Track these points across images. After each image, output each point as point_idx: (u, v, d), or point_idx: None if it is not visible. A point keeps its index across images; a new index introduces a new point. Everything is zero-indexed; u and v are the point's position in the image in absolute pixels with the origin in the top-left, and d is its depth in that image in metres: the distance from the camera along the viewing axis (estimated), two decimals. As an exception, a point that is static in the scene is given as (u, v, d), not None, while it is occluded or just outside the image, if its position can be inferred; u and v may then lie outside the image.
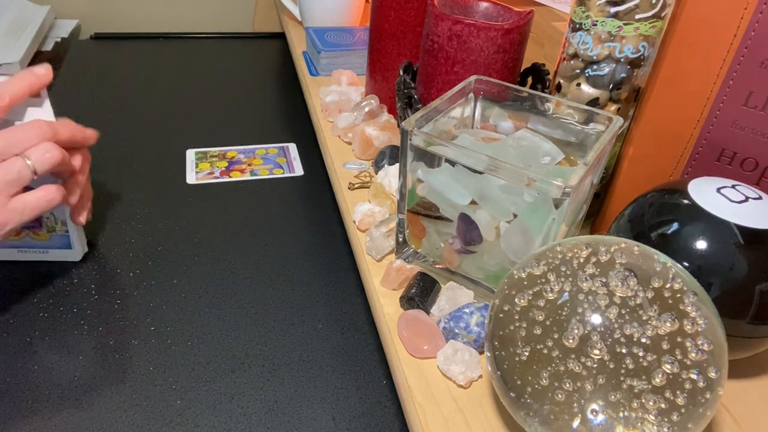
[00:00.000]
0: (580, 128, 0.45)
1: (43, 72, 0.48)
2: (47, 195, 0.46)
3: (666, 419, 0.29)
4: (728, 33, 0.38)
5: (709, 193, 0.37)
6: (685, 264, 0.35)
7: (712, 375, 0.29)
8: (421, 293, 0.44)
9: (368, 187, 0.58)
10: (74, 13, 1.09)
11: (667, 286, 0.31)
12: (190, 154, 0.73)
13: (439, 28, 0.51)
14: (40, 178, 0.45)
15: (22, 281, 0.53)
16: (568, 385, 0.30)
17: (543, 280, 0.33)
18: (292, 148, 0.76)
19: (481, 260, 0.43)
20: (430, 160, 0.42)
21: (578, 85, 0.46)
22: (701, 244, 0.35)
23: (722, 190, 0.37)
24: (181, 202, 0.64)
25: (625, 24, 0.43)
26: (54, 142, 0.46)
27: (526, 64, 0.56)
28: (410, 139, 0.41)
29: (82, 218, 0.52)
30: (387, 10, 0.63)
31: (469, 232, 0.42)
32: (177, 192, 0.66)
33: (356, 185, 0.58)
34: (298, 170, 0.72)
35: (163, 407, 0.43)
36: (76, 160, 0.50)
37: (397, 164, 0.55)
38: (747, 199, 0.37)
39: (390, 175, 0.56)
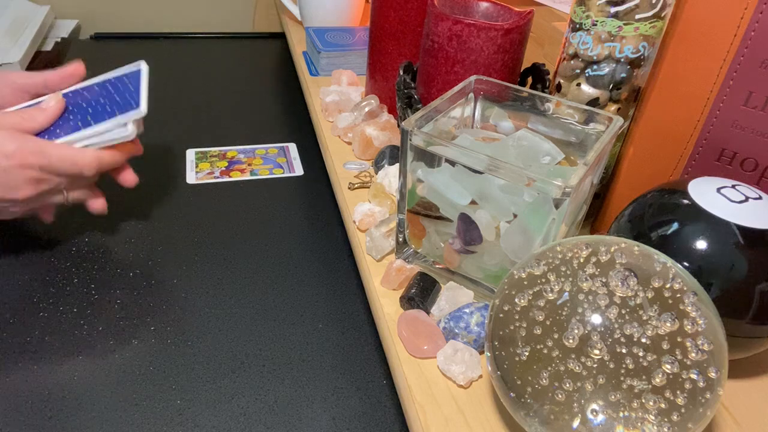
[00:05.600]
0: (580, 128, 0.45)
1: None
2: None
3: (666, 419, 0.29)
4: (728, 33, 0.38)
5: (709, 193, 0.37)
6: (686, 264, 0.35)
7: (712, 375, 0.29)
8: (421, 293, 0.44)
9: (368, 187, 0.58)
10: (74, 13, 1.09)
11: (667, 286, 0.31)
12: (190, 154, 0.73)
13: (439, 28, 0.51)
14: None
15: (22, 281, 0.53)
16: (568, 385, 0.30)
17: (543, 280, 0.33)
18: (292, 148, 0.76)
19: (481, 260, 0.43)
20: (430, 160, 0.42)
21: (578, 85, 0.46)
22: (701, 244, 0.35)
23: (722, 190, 0.37)
24: (181, 202, 0.64)
25: (625, 24, 0.43)
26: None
27: (526, 64, 0.56)
28: (410, 139, 0.41)
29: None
30: (387, 10, 0.63)
31: (469, 232, 0.42)
32: (177, 192, 0.66)
33: (356, 185, 0.58)
34: (298, 170, 0.72)
35: (163, 407, 0.43)
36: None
37: (397, 164, 0.55)
38: (747, 199, 0.37)
39: (390, 175, 0.56)
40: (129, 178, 0.56)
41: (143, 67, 0.55)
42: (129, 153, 0.55)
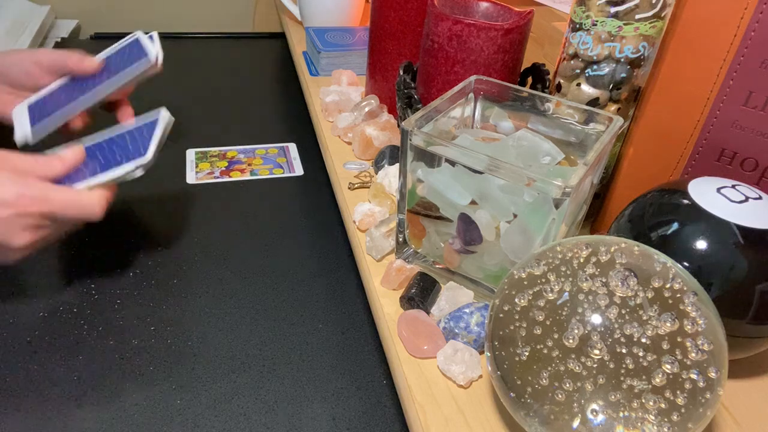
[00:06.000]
0: (580, 128, 0.45)
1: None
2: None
3: (666, 419, 0.29)
4: (728, 33, 0.38)
5: (709, 193, 0.37)
6: (685, 264, 0.35)
7: (712, 375, 0.29)
8: (421, 293, 0.44)
9: (368, 187, 0.58)
10: (74, 13, 1.09)
11: (667, 286, 0.31)
12: (190, 154, 0.73)
13: (439, 28, 0.51)
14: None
15: (22, 281, 0.53)
16: (568, 385, 0.30)
17: (543, 280, 0.33)
18: (292, 148, 0.76)
19: (481, 260, 0.43)
20: (430, 160, 0.42)
21: (578, 85, 0.46)
22: (701, 244, 0.35)
23: (722, 190, 0.37)
24: (181, 202, 0.64)
25: (625, 24, 0.43)
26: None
27: (526, 64, 0.56)
28: (410, 139, 0.41)
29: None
30: (387, 10, 0.63)
31: (469, 232, 0.42)
32: (177, 192, 0.66)
33: (356, 185, 0.58)
34: (298, 170, 0.72)
35: (163, 407, 0.43)
36: None
37: (397, 164, 0.55)
38: (747, 199, 0.37)
39: (390, 175, 0.56)
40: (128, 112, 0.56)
41: (162, 116, 0.53)
42: None
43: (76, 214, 0.46)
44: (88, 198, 0.46)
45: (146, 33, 0.59)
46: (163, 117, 0.53)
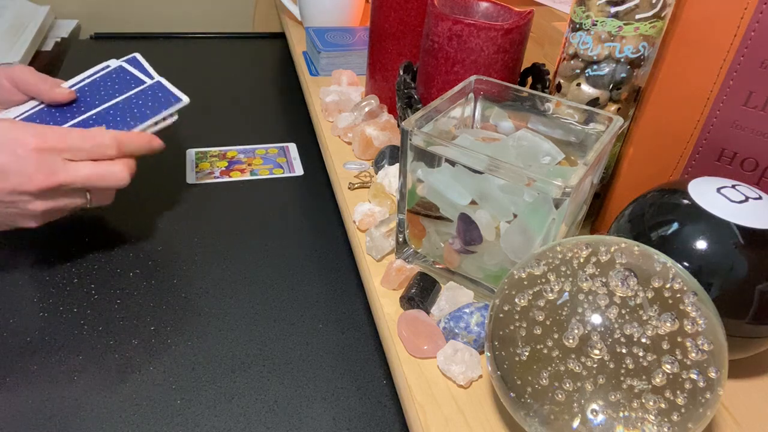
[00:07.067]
0: (580, 128, 0.45)
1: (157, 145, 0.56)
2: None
3: (666, 419, 0.29)
4: (728, 33, 0.38)
5: (709, 193, 0.37)
6: (685, 264, 0.35)
7: (712, 375, 0.29)
8: (421, 293, 0.44)
9: (368, 187, 0.58)
10: (74, 13, 1.09)
11: (667, 286, 0.31)
12: (190, 154, 0.73)
13: (439, 28, 0.51)
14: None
15: (22, 281, 0.53)
16: (568, 385, 0.30)
17: (543, 280, 0.33)
18: (292, 148, 0.76)
19: (481, 260, 0.43)
20: (430, 160, 0.42)
21: (578, 85, 0.46)
22: (701, 244, 0.35)
23: (722, 190, 0.37)
24: (181, 202, 0.64)
25: (625, 24, 0.43)
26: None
27: (526, 64, 0.56)
28: (410, 139, 0.41)
29: None
30: (387, 10, 0.63)
31: (469, 232, 0.42)
32: (177, 192, 0.66)
33: (356, 185, 0.58)
34: (298, 170, 0.72)
35: (163, 407, 0.43)
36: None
37: (397, 164, 0.55)
38: (747, 199, 0.37)
39: (390, 175, 0.56)
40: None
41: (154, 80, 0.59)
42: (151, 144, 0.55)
43: (89, 142, 0.49)
44: (101, 131, 0.50)
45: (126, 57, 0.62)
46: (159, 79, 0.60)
